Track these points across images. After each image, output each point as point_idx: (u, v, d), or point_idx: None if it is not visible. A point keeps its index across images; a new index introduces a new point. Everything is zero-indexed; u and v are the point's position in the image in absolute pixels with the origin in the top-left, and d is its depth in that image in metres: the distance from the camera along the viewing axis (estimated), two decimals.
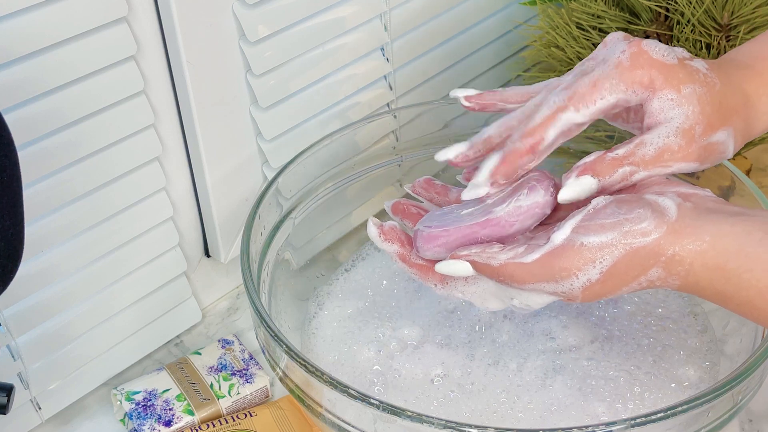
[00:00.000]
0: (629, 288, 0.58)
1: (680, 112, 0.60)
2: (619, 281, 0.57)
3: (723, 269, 0.55)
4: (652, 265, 0.56)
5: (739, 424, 0.75)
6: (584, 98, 0.60)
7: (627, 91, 0.60)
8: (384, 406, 0.57)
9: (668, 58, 0.60)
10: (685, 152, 0.60)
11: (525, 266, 0.59)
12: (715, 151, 0.61)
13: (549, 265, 0.58)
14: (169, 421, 0.74)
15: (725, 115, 0.60)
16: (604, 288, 0.58)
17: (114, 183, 0.73)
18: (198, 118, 0.75)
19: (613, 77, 0.60)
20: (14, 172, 0.50)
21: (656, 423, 0.56)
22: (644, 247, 0.56)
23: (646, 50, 0.60)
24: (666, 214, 0.57)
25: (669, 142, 0.60)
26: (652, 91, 0.60)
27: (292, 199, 0.78)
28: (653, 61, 0.60)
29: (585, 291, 0.58)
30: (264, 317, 0.65)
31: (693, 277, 0.56)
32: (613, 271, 0.57)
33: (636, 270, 0.57)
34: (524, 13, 1.03)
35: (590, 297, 0.58)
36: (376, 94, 0.90)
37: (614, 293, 0.58)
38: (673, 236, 0.56)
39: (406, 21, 0.88)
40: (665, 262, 0.56)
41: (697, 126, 0.59)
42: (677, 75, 0.60)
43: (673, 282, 0.57)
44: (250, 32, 0.74)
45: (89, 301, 0.75)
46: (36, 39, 0.63)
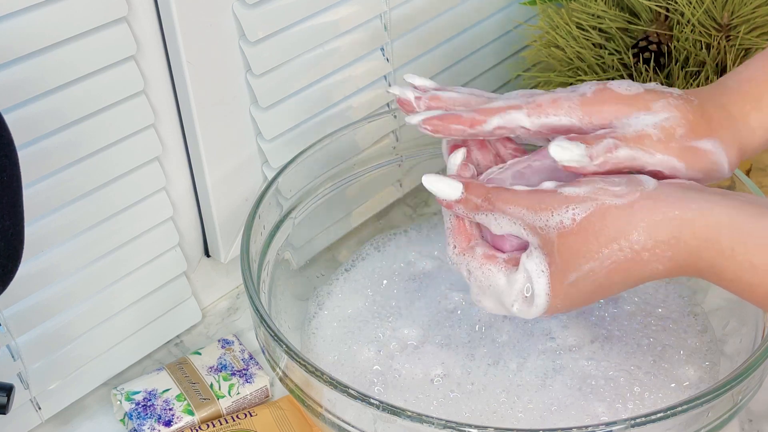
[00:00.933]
0: (611, 251, 0.57)
1: (659, 115, 0.61)
2: (595, 238, 0.57)
3: (714, 241, 0.54)
4: (630, 228, 0.56)
5: (739, 424, 0.75)
6: (540, 108, 0.63)
7: (582, 119, 0.62)
8: (384, 406, 0.57)
9: (632, 89, 0.63)
10: (666, 145, 0.60)
11: (512, 190, 0.61)
12: (704, 159, 0.61)
13: (531, 196, 0.60)
14: (169, 421, 0.74)
15: (710, 126, 0.61)
16: (579, 240, 0.58)
17: (114, 183, 0.73)
18: (198, 118, 0.75)
19: (573, 101, 0.63)
20: (14, 172, 0.50)
21: (656, 423, 0.56)
22: (617, 206, 0.57)
23: (611, 87, 0.63)
24: (642, 184, 0.58)
25: (648, 130, 0.60)
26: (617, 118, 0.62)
27: (292, 199, 0.78)
28: (616, 95, 0.62)
29: (561, 237, 0.58)
30: (264, 317, 0.65)
31: (683, 246, 0.55)
32: (587, 225, 0.57)
33: (612, 230, 0.57)
34: (524, 13, 1.03)
35: (568, 251, 0.58)
36: (376, 94, 0.90)
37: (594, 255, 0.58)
38: (651, 201, 0.56)
39: (406, 21, 0.88)
40: (646, 228, 0.56)
41: (678, 128, 0.61)
42: (644, 98, 0.62)
43: (662, 253, 0.56)
44: (250, 32, 0.74)
45: (89, 301, 0.75)
46: (36, 39, 0.63)
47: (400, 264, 0.83)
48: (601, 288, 0.59)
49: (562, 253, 0.59)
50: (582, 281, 0.59)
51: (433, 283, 0.80)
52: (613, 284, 0.59)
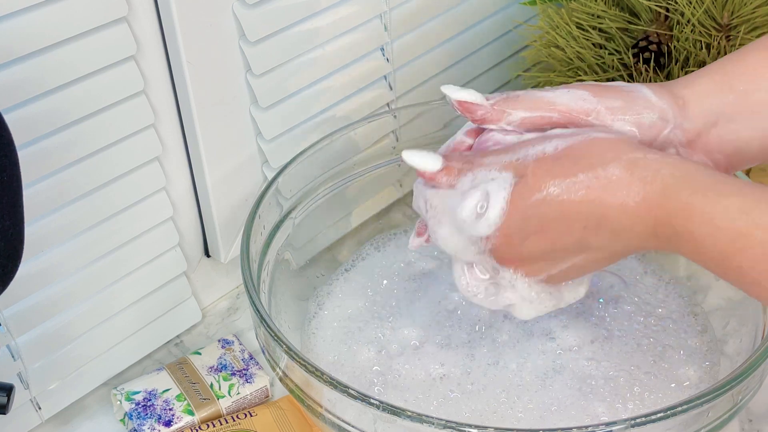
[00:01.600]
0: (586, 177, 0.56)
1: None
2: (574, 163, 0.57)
3: (690, 180, 0.54)
4: (611, 158, 0.56)
5: (739, 424, 0.75)
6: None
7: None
8: (384, 406, 0.57)
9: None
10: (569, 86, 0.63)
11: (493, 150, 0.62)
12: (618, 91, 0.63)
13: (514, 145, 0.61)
14: (169, 421, 0.74)
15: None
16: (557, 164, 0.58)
17: (114, 183, 0.73)
18: (198, 118, 0.75)
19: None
20: (14, 172, 0.50)
21: (656, 423, 0.56)
22: (605, 138, 0.58)
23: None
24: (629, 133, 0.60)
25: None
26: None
27: (292, 199, 0.78)
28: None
29: (538, 161, 0.58)
30: (264, 317, 0.65)
31: (659, 183, 0.55)
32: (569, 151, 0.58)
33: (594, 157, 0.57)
34: (524, 13, 1.03)
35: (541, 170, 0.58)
36: (376, 94, 0.90)
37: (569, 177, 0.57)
38: (634, 146, 0.57)
39: (406, 21, 0.88)
40: (626, 162, 0.56)
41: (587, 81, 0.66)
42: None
43: (636, 190, 0.55)
44: (250, 32, 0.74)
45: (89, 301, 0.75)
46: (36, 39, 0.63)
47: (400, 264, 0.83)
48: (565, 219, 0.58)
49: (535, 173, 0.58)
50: (548, 204, 0.58)
51: (433, 283, 0.80)
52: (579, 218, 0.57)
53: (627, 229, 0.57)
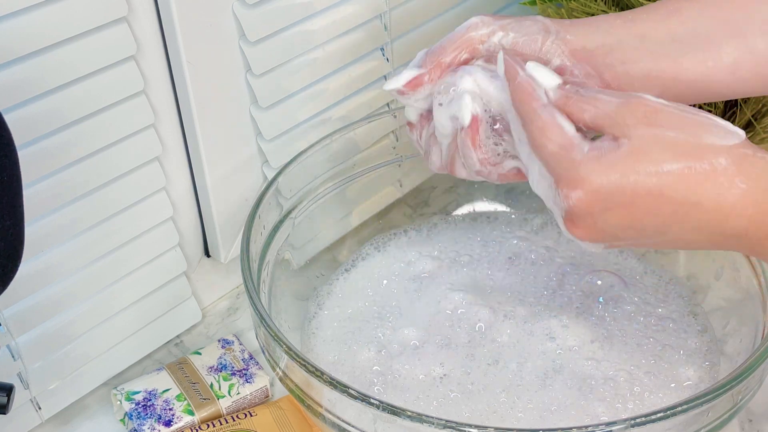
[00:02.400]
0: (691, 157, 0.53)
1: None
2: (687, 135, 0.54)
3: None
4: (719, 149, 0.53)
5: (739, 424, 0.75)
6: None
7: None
8: (384, 406, 0.57)
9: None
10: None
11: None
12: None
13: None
14: (169, 421, 0.74)
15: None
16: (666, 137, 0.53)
17: (114, 183, 0.73)
18: (198, 118, 0.75)
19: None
20: (14, 172, 0.50)
21: (656, 423, 0.56)
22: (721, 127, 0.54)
23: None
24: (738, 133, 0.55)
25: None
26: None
27: (292, 199, 0.78)
28: None
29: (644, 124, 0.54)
30: (264, 317, 0.65)
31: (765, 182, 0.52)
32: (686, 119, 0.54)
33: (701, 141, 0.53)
34: (524, 13, 1.03)
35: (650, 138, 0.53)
36: (376, 94, 0.90)
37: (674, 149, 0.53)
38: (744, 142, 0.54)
39: (406, 21, 0.88)
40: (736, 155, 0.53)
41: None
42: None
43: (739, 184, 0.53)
44: (250, 32, 0.74)
45: (89, 301, 0.75)
46: (36, 39, 0.63)
47: (400, 264, 0.83)
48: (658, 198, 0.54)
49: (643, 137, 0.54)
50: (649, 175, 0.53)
51: (433, 283, 0.80)
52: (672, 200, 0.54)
53: (714, 226, 0.54)
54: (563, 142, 0.56)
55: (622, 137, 0.54)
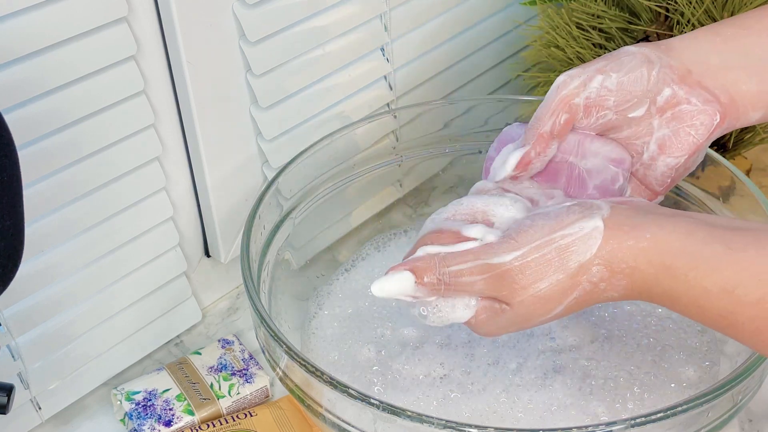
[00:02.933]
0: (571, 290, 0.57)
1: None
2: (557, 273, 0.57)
3: (669, 267, 0.55)
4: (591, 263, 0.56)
5: (739, 424, 0.75)
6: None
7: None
8: (384, 406, 0.57)
9: None
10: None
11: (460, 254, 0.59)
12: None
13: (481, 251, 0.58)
14: (169, 421, 0.74)
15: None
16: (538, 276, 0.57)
17: (114, 183, 0.73)
18: (198, 118, 0.75)
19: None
20: (14, 172, 0.50)
21: (656, 423, 0.56)
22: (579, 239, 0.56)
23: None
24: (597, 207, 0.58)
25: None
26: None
27: (292, 199, 0.78)
28: None
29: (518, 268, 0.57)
30: (264, 317, 0.65)
31: (639, 274, 0.56)
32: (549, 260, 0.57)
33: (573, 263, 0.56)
34: (524, 13, 1.03)
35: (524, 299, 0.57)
36: (376, 94, 0.90)
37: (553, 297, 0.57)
38: (609, 233, 0.56)
39: (406, 21, 0.89)
40: (605, 258, 0.56)
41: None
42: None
43: (618, 282, 0.56)
44: (250, 32, 0.74)
45: (89, 301, 0.75)
46: (36, 39, 0.63)
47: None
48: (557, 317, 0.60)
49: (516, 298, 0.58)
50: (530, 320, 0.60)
51: None
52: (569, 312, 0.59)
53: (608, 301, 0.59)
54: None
55: (504, 305, 0.59)
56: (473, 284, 0.58)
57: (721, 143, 0.91)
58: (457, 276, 0.58)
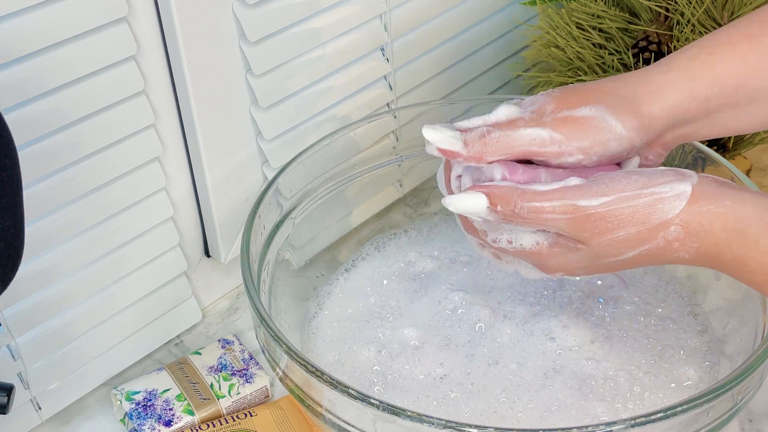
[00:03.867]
0: (646, 242, 0.59)
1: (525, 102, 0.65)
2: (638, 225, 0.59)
3: (742, 232, 0.57)
4: (671, 222, 0.58)
5: (739, 424, 0.75)
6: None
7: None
8: (384, 406, 0.57)
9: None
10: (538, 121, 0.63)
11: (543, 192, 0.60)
12: (584, 124, 0.62)
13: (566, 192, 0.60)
14: (169, 421, 0.74)
15: (586, 95, 0.64)
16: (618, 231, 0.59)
17: (114, 183, 0.73)
18: (198, 118, 0.75)
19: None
20: (14, 171, 0.50)
21: (656, 423, 0.56)
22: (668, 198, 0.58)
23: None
24: (689, 175, 0.60)
25: (520, 113, 0.63)
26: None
27: (292, 199, 0.78)
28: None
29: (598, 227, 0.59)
30: (264, 317, 0.65)
31: (711, 238, 0.58)
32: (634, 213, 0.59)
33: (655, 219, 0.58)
34: (524, 13, 1.03)
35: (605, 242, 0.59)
36: (376, 94, 0.90)
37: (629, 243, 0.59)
38: (693, 198, 0.58)
39: (406, 21, 0.89)
40: (685, 221, 0.58)
41: (547, 105, 0.63)
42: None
43: (691, 244, 0.58)
44: (250, 32, 0.74)
45: (89, 301, 0.75)
46: (36, 39, 0.63)
47: (400, 264, 0.83)
48: (620, 266, 0.62)
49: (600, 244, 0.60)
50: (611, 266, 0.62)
51: (433, 283, 0.80)
52: (633, 265, 0.62)
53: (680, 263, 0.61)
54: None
55: (580, 244, 0.61)
56: (555, 221, 0.60)
57: (721, 143, 0.91)
58: (538, 212, 0.60)
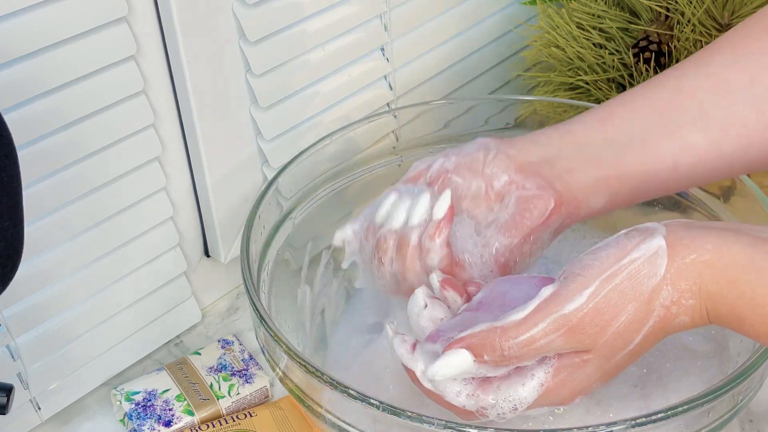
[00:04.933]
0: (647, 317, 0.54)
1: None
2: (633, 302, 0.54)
3: (734, 283, 0.52)
4: (661, 285, 0.53)
5: (739, 424, 0.75)
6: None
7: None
8: (384, 406, 0.57)
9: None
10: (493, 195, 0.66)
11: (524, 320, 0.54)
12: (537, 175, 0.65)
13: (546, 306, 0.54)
14: (168, 421, 0.74)
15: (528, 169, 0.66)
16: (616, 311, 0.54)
17: (114, 183, 0.73)
18: (198, 118, 0.75)
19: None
20: (14, 172, 0.50)
21: (656, 423, 0.56)
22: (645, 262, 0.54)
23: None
24: (653, 228, 0.55)
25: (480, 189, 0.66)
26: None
27: (292, 199, 0.78)
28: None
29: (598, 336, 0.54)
30: (264, 317, 0.65)
31: (705, 292, 0.53)
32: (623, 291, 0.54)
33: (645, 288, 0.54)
34: (524, 13, 1.03)
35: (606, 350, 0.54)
36: (376, 94, 0.90)
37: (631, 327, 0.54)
38: (671, 249, 0.54)
39: (406, 21, 0.89)
40: (673, 279, 0.53)
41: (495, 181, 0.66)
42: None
43: (687, 302, 0.54)
44: (250, 32, 0.74)
45: (89, 301, 0.75)
46: (36, 39, 0.63)
47: None
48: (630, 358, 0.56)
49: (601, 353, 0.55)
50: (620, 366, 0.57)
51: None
52: (642, 351, 0.56)
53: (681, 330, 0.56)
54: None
55: (586, 354, 0.55)
56: (551, 344, 0.54)
57: None
58: (529, 344, 0.53)
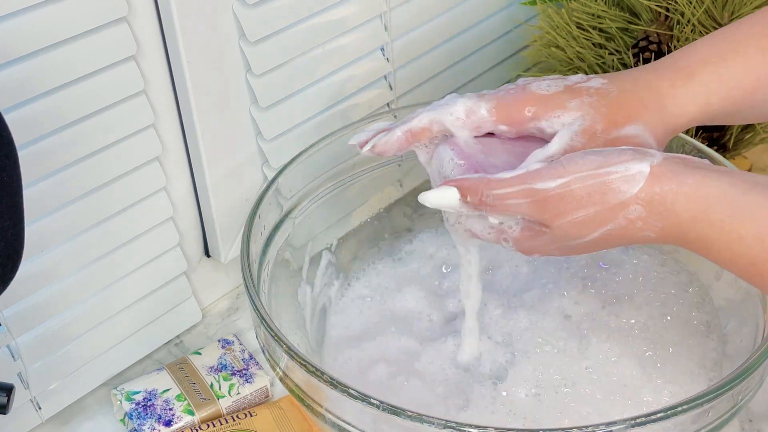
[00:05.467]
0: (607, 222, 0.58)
1: (573, 117, 0.63)
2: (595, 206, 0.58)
3: (705, 212, 0.56)
4: (630, 201, 0.57)
5: (739, 424, 0.75)
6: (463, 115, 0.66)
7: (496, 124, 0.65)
8: (384, 406, 0.57)
9: (551, 89, 0.65)
10: (593, 146, 0.62)
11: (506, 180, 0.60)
12: (631, 144, 0.63)
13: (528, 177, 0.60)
14: (169, 421, 0.74)
15: (630, 113, 0.64)
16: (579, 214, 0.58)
17: (114, 183, 0.73)
18: (198, 118, 0.75)
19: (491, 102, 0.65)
20: (14, 172, 0.50)
21: (656, 423, 0.56)
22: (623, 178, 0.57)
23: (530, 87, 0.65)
24: (649, 156, 0.59)
25: (572, 142, 0.63)
26: (536, 119, 0.64)
27: (292, 199, 0.78)
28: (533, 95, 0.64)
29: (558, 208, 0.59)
30: (264, 317, 0.65)
31: (675, 218, 0.57)
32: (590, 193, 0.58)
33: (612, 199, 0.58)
34: (524, 13, 1.03)
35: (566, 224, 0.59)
36: (376, 94, 0.90)
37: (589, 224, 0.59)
38: (654, 178, 0.57)
39: (406, 21, 0.89)
40: (645, 200, 0.57)
41: (597, 124, 0.63)
42: (559, 98, 0.64)
43: (654, 223, 0.57)
44: (250, 32, 0.74)
45: (89, 301, 0.75)
46: (36, 39, 0.63)
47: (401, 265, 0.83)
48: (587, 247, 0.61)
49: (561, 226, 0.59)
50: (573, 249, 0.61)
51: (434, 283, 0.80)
52: (601, 246, 0.61)
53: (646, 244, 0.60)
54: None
55: (544, 227, 0.60)
56: (518, 206, 0.60)
57: (722, 143, 0.91)
58: (502, 199, 0.60)
